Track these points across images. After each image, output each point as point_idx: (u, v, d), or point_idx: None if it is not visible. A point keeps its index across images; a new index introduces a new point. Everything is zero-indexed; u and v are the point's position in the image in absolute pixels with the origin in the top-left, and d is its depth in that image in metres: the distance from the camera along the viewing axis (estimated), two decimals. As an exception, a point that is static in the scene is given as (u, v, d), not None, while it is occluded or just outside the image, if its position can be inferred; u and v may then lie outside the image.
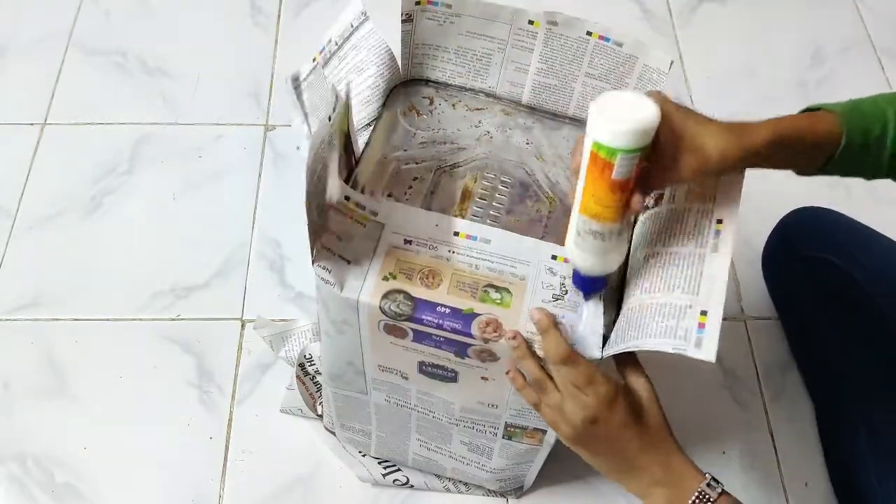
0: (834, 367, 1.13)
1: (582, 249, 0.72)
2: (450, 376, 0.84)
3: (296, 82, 0.69)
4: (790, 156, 0.75)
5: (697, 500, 0.73)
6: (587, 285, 0.76)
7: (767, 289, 1.26)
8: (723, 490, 0.74)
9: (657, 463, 0.76)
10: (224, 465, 1.10)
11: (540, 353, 0.75)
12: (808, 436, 1.16)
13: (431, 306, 0.76)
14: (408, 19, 0.87)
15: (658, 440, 0.76)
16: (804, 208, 1.17)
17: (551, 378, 0.76)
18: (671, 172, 0.70)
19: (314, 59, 0.83)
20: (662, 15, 1.60)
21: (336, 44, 0.86)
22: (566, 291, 0.78)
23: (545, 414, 0.77)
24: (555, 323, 0.75)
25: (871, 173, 0.78)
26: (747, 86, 1.50)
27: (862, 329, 1.08)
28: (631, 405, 0.75)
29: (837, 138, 0.74)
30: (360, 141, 0.89)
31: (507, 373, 0.79)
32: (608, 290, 0.78)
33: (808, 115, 0.77)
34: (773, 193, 1.35)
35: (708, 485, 0.74)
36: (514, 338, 0.75)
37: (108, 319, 1.21)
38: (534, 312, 0.75)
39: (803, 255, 1.15)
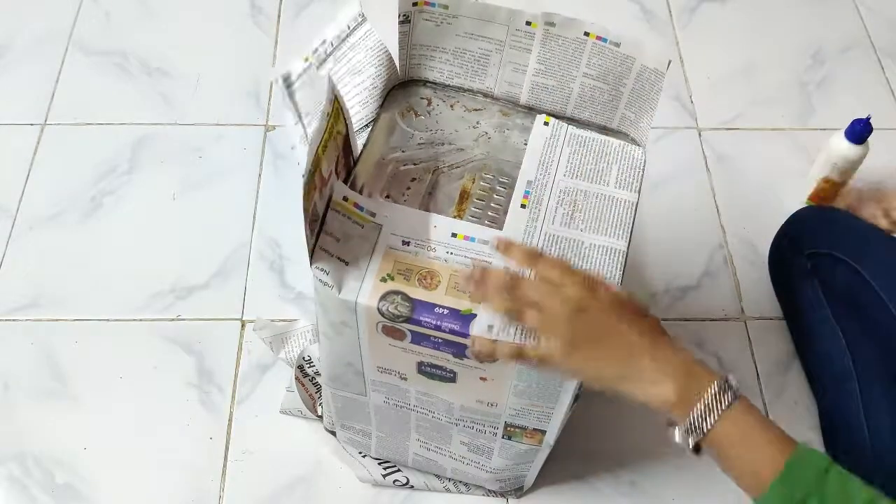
0: (838, 365, 1.13)
1: None
2: (448, 376, 0.84)
3: (287, 82, 0.69)
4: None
5: (713, 400, 0.67)
6: None
7: (773, 286, 1.26)
8: (737, 393, 0.68)
9: (661, 350, 0.69)
10: (224, 466, 1.10)
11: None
12: (809, 436, 1.15)
13: (429, 307, 0.76)
14: (405, 20, 0.87)
15: (657, 330, 0.71)
16: (809, 207, 1.18)
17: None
18: None
19: (306, 59, 0.83)
20: (662, 15, 1.60)
21: (331, 44, 0.86)
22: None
23: (533, 343, 0.72)
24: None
25: None
26: (747, 86, 1.50)
27: (867, 326, 1.08)
28: (617, 293, 0.71)
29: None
30: (359, 142, 0.89)
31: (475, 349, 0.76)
32: None
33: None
34: (775, 195, 1.36)
35: (720, 388, 0.68)
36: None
37: (108, 319, 1.21)
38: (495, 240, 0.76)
39: (808, 252, 1.15)
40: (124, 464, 1.10)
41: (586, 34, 0.85)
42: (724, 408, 0.67)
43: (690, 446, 0.68)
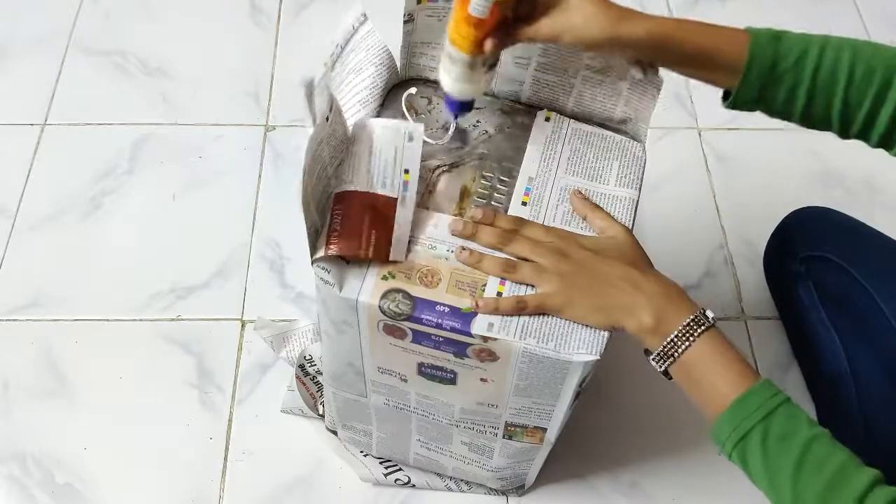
0: (834, 366, 1.13)
1: (446, 72, 0.80)
2: (449, 378, 0.84)
3: (309, 88, 0.69)
4: (682, 62, 0.78)
5: (685, 329, 0.74)
6: (453, 106, 0.83)
7: (769, 288, 1.26)
8: (709, 325, 0.74)
9: (644, 283, 0.76)
10: (224, 465, 1.10)
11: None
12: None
13: (430, 305, 0.76)
14: (409, 19, 0.87)
15: (639, 265, 0.78)
16: (804, 208, 1.17)
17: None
18: (529, 29, 0.74)
19: (325, 64, 0.83)
20: (662, 14, 1.59)
21: (340, 47, 0.85)
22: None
23: (526, 277, 0.78)
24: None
25: (787, 111, 0.77)
26: (747, 85, 1.50)
27: (862, 327, 1.08)
28: (596, 240, 0.79)
29: (742, 58, 0.75)
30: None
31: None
32: None
33: (720, 28, 0.79)
34: (773, 195, 1.36)
35: (694, 319, 0.74)
36: (463, 251, 0.79)
37: (108, 319, 1.21)
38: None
39: (804, 254, 1.14)
40: (124, 464, 1.10)
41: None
42: (695, 337, 0.73)
43: (661, 370, 0.75)
